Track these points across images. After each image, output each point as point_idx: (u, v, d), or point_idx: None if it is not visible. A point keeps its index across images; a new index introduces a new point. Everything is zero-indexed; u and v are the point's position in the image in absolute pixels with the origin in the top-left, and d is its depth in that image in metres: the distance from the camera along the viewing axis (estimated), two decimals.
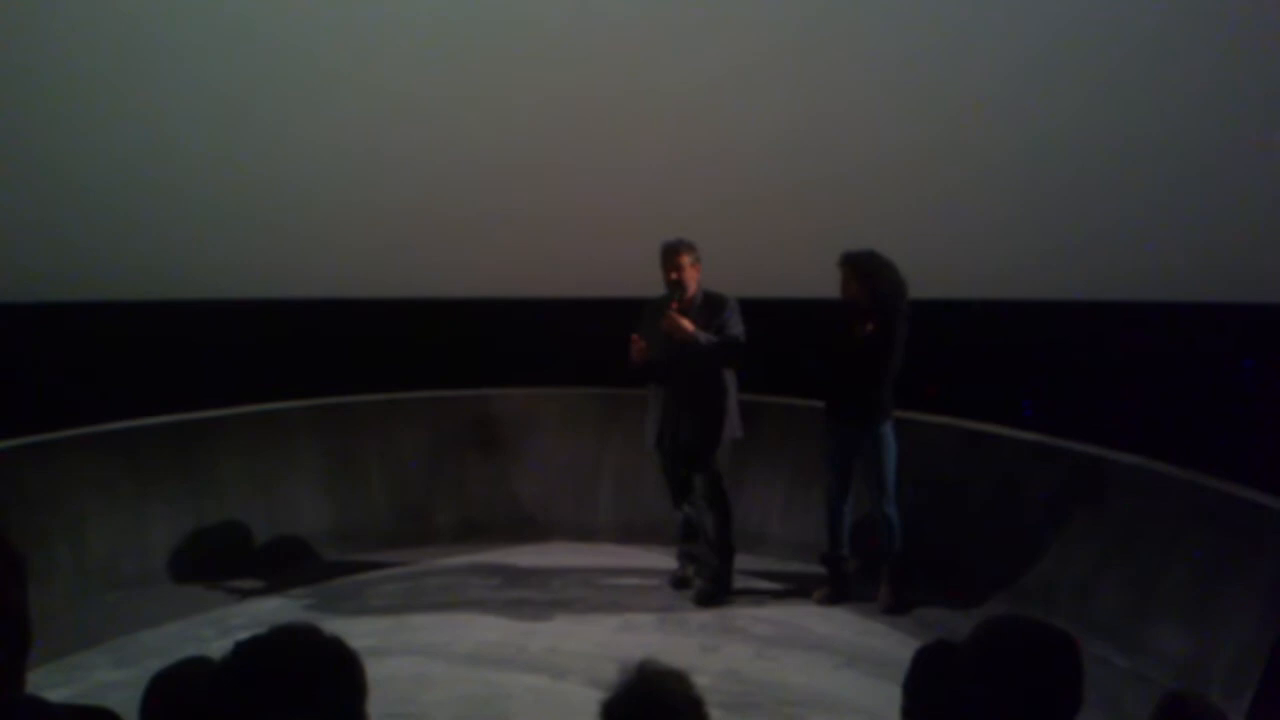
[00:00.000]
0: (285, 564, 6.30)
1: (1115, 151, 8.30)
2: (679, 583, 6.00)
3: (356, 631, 4.94)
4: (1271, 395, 6.79)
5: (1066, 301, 8.60)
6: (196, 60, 8.51)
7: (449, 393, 7.15)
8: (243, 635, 1.76)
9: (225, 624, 5.41)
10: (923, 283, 5.64)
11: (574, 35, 8.66)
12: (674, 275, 5.58)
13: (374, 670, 1.78)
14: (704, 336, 5.50)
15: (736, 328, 5.60)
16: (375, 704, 1.78)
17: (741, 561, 5.97)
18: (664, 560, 6.22)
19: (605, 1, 8.73)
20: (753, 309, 5.76)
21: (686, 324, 5.48)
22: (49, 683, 4.49)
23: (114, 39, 8.38)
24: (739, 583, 5.90)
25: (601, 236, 8.60)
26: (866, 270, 5.43)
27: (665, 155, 8.65)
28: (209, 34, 8.49)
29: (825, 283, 5.60)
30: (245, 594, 5.88)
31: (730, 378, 5.70)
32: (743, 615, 5.61)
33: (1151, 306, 8.31)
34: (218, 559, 6.14)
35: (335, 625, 1.86)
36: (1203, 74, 7.97)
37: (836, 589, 5.79)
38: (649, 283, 5.71)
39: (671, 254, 5.60)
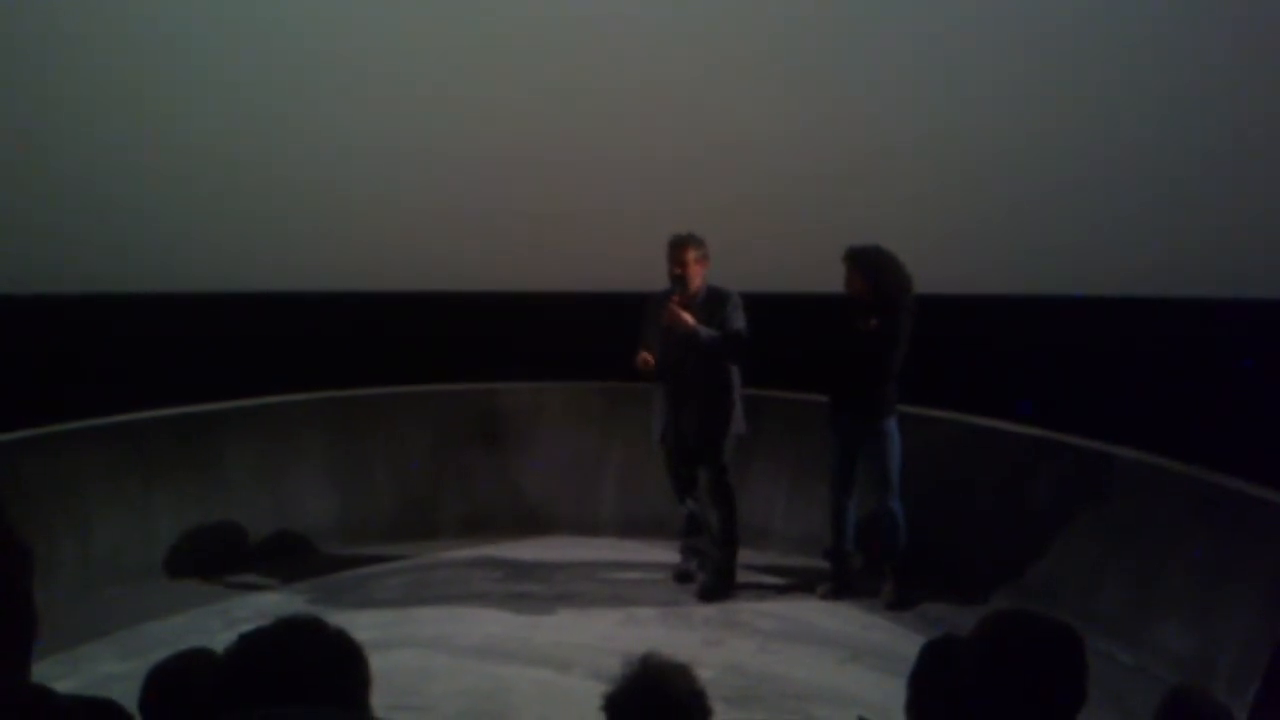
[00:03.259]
0: (290, 556, 6.31)
1: (1118, 149, 8.28)
2: (682, 577, 6.00)
3: (361, 624, 4.92)
4: (1273, 392, 6.78)
5: (1070, 297, 8.59)
6: (205, 57, 8.52)
7: (454, 386, 7.16)
8: (247, 627, 1.76)
9: (230, 616, 5.42)
10: (928, 278, 5.63)
11: (583, 34, 8.65)
12: (678, 269, 5.58)
13: (378, 663, 1.78)
14: (705, 331, 5.49)
15: (739, 323, 5.59)
16: (379, 696, 1.78)
17: (745, 556, 5.97)
18: (667, 554, 6.22)
19: (613, 1, 8.72)
20: (758, 304, 5.76)
21: (687, 317, 5.48)
22: (54, 674, 4.49)
23: (124, 35, 8.39)
24: (742, 577, 5.90)
25: (608, 232, 8.60)
26: (871, 265, 5.42)
27: (671, 152, 8.65)
28: (218, 30, 8.50)
29: (830, 278, 5.60)
30: (250, 586, 5.90)
31: (734, 373, 5.70)
32: (746, 610, 5.62)
33: (1155, 302, 8.30)
34: (223, 551, 6.15)
35: (339, 618, 1.86)
36: (1204, 74, 7.95)
37: (840, 584, 5.79)
38: (655, 278, 5.71)
39: (677, 248, 5.60)
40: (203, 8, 8.54)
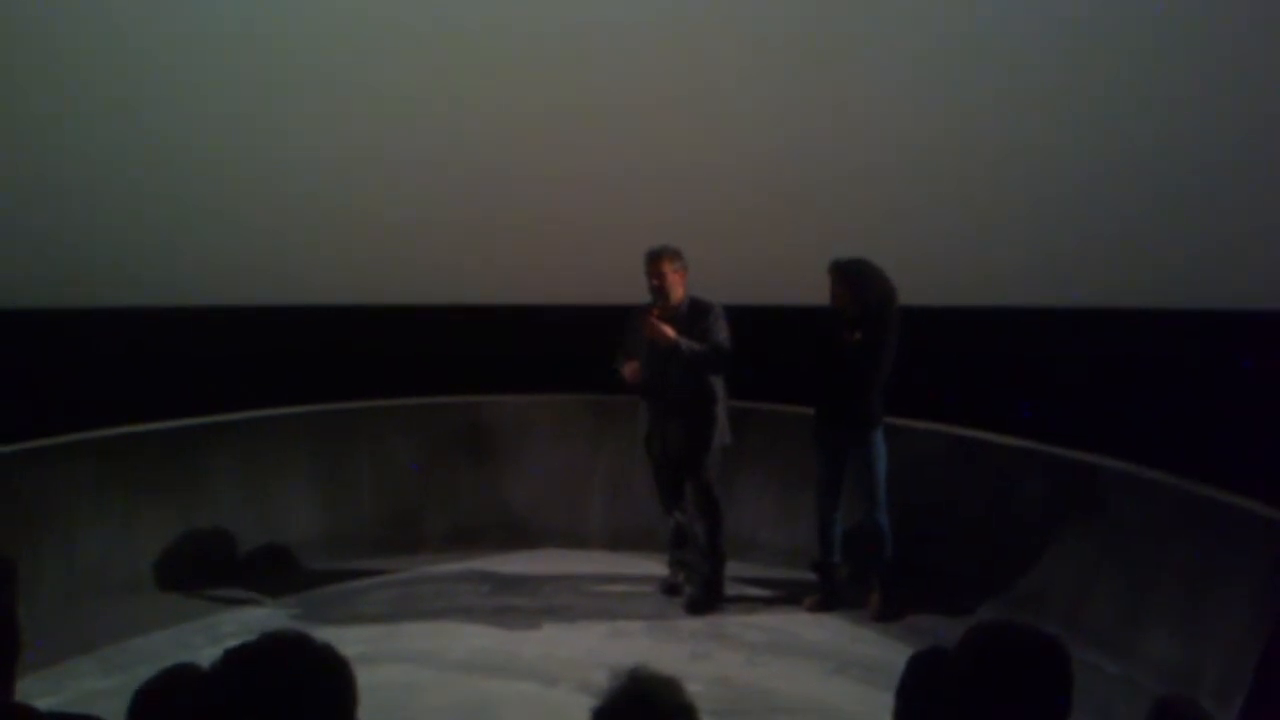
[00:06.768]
0: (276, 571, 6.28)
1: (1113, 157, 8.31)
2: (670, 589, 6.00)
3: (347, 639, 4.88)
4: (1268, 401, 6.79)
5: (1061, 308, 8.61)
6: (189, 63, 8.50)
7: (440, 399, 7.14)
8: (233, 643, 1.76)
9: (215, 631, 5.40)
10: (914, 290, 5.65)
11: (567, 42, 8.66)
12: (656, 282, 5.60)
13: (364, 678, 1.78)
14: (685, 343, 5.50)
15: (720, 334, 5.59)
16: (366, 712, 1.77)
17: (732, 568, 5.97)
18: (655, 567, 6.22)
19: (602, 8, 8.74)
20: (743, 316, 5.77)
21: (667, 330, 5.49)
22: (37, 690, 4.46)
23: (109, 40, 8.37)
24: (730, 589, 5.90)
25: (595, 243, 8.59)
26: (855, 278, 5.44)
27: (657, 163, 8.66)
28: (204, 36, 8.49)
29: (816, 290, 5.61)
30: (235, 601, 5.87)
31: (719, 384, 5.70)
32: (734, 622, 5.61)
33: (1149, 313, 8.31)
34: (208, 566, 6.12)
35: (326, 633, 1.86)
36: (1201, 79, 7.99)
37: (827, 596, 5.79)
38: (641, 290, 5.72)
39: (654, 261, 5.61)
40: (196, 13, 8.53)
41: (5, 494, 5.50)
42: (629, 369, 5.59)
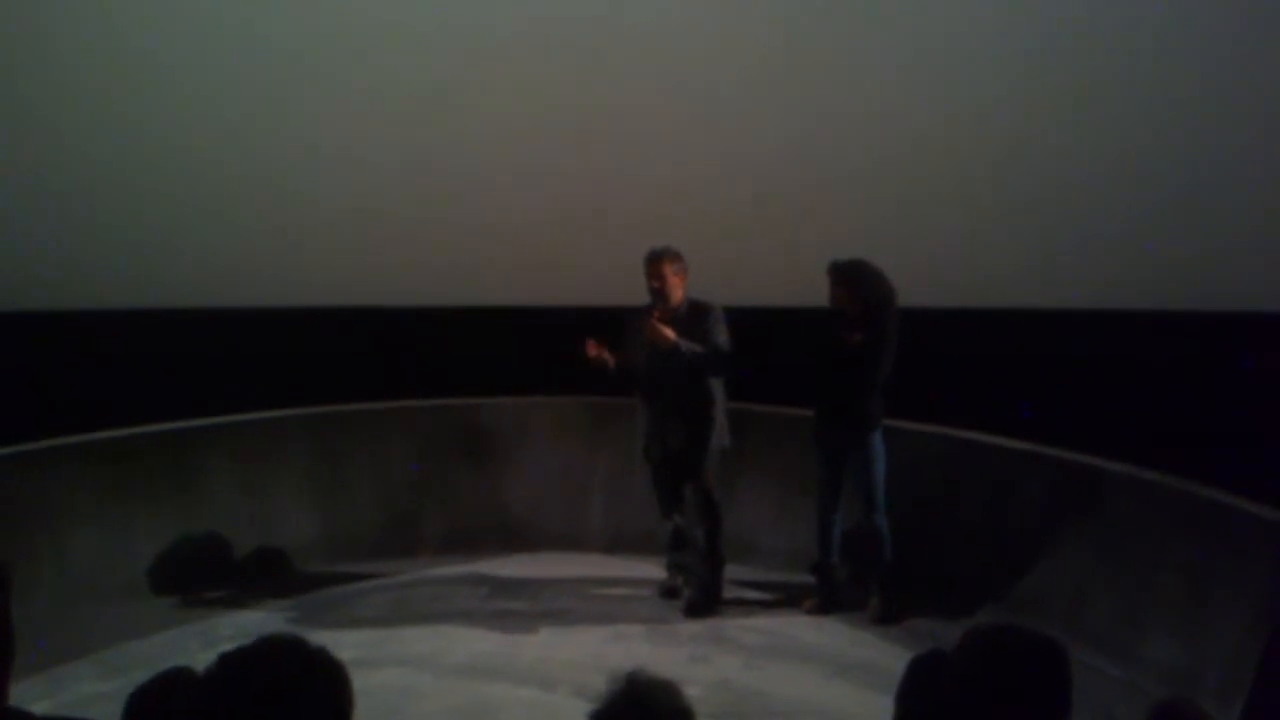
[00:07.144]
0: (272, 574, 6.27)
1: (1113, 157, 8.30)
2: (669, 593, 5.98)
3: (344, 642, 4.90)
4: (1268, 400, 6.77)
5: (1061, 308, 8.60)
6: (187, 64, 8.49)
7: (439, 402, 7.13)
8: (229, 646, 1.74)
9: (212, 635, 5.38)
10: (914, 290, 5.64)
11: (567, 42, 8.66)
12: (656, 284, 5.59)
13: (361, 681, 1.76)
14: (685, 345, 5.48)
15: (720, 336, 5.58)
16: (363, 716, 1.76)
17: (731, 571, 5.96)
18: (654, 570, 6.20)
19: (603, 8, 8.73)
20: (743, 317, 5.75)
21: (667, 332, 5.47)
22: (33, 695, 4.43)
23: (106, 41, 8.36)
24: (729, 593, 5.89)
25: (595, 243, 8.58)
26: (854, 279, 5.43)
27: (658, 162, 8.65)
28: (203, 36, 8.48)
29: (815, 291, 5.60)
30: (232, 604, 5.85)
31: (718, 387, 5.69)
32: (732, 625, 5.60)
33: (1149, 313, 8.30)
34: (205, 569, 6.11)
35: (322, 636, 1.85)
36: (1198, 80, 7.98)
37: (827, 599, 5.78)
38: (641, 292, 5.70)
39: (654, 263, 5.60)
40: (196, 14, 8.53)
41: (1, 497, 5.48)
42: (591, 348, 5.53)
